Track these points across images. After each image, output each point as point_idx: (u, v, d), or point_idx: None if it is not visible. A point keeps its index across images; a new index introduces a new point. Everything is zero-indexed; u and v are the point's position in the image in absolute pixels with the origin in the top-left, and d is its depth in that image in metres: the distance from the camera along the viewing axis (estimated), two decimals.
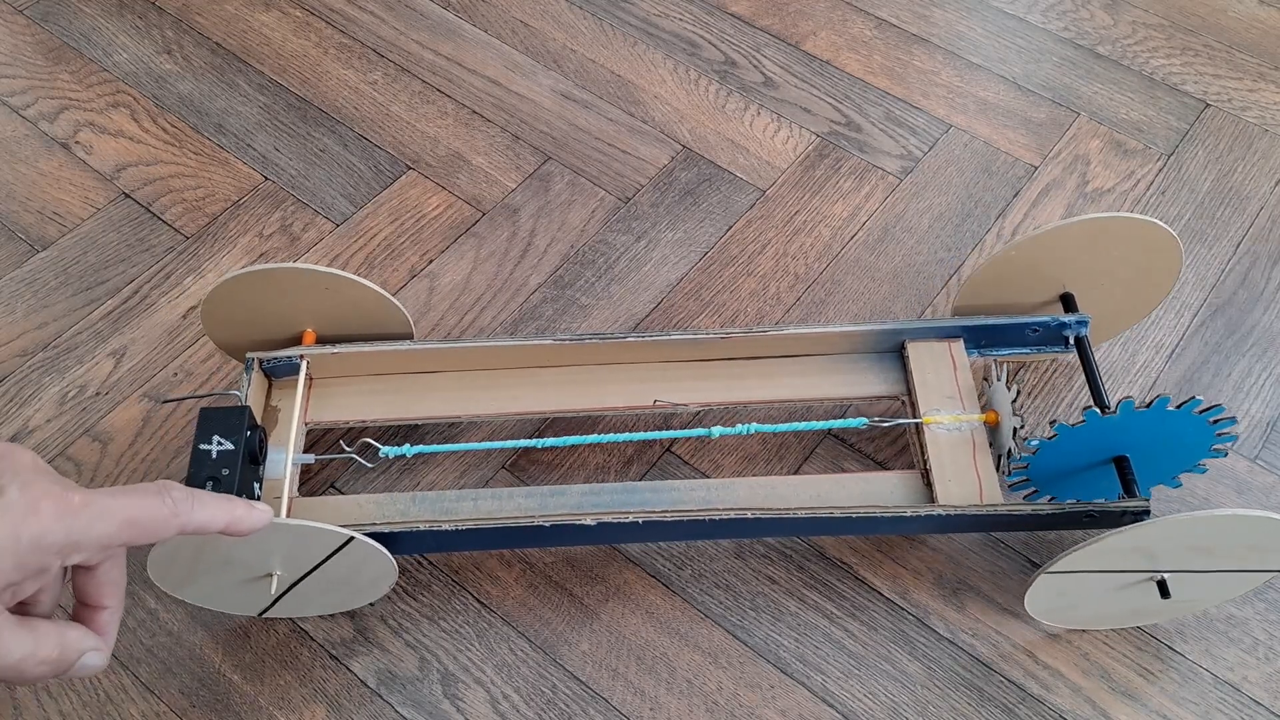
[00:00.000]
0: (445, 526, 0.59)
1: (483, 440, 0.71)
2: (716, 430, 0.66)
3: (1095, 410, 0.58)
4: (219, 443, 0.57)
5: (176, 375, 0.75)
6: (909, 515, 0.60)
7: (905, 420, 0.66)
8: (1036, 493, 0.64)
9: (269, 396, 0.67)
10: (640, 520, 0.60)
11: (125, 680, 0.63)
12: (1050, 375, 0.75)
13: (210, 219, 0.84)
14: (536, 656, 0.64)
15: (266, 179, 0.87)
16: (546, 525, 0.60)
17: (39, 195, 0.85)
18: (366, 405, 0.68)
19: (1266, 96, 0.92)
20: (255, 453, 0.59)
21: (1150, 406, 0.57)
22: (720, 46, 0.96)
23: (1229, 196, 0.86)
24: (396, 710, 0.62)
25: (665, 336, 0.68)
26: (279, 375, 0.67)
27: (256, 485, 0.59)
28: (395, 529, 0.59)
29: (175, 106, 0.91)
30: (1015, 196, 0.86)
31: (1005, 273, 0.68)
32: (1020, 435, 0.62)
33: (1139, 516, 0.60)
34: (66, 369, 0.76)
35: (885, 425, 0.66)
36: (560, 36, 0.97)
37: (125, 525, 0.40)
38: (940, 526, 0.63)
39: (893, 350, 0.69)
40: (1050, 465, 0.61)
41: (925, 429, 0.65)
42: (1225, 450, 0.61)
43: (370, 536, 0.57)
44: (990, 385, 0.66)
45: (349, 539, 0.56)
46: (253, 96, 0.92)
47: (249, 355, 0.66)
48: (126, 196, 0.85)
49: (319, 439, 0.71)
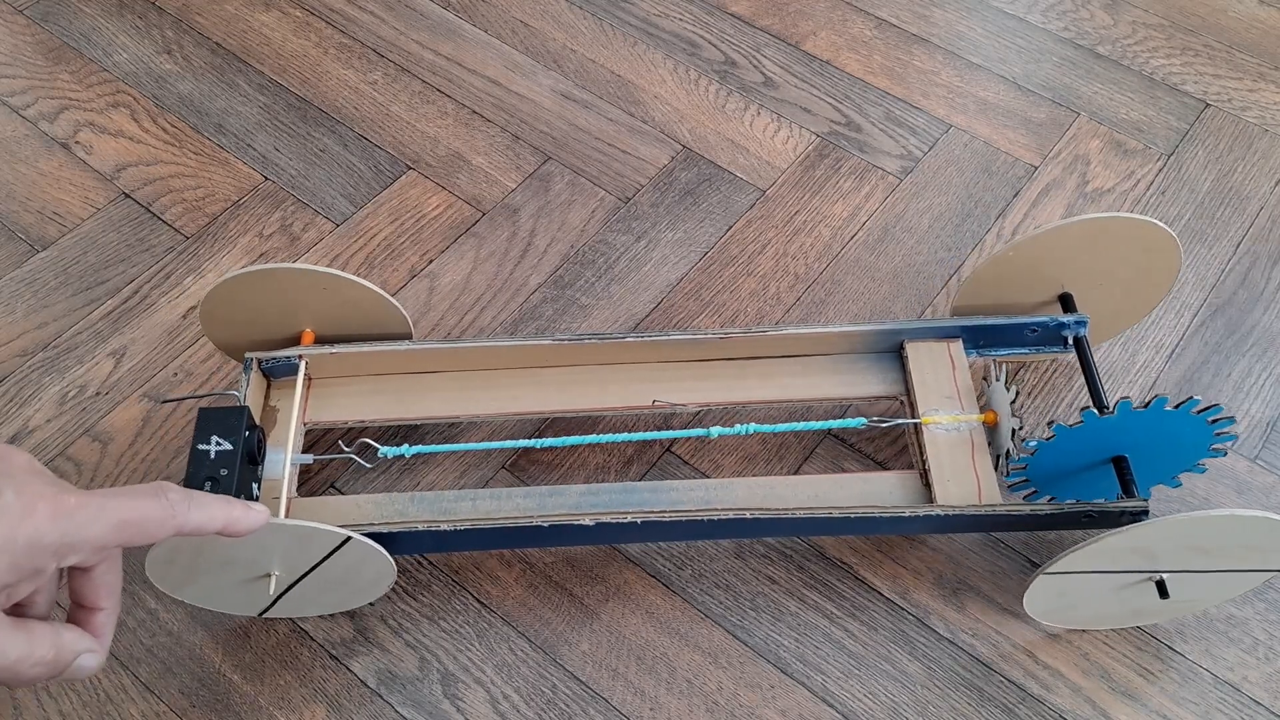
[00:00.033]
0: (444, 527, 0.59)
1: (482, 440, 0.72)
2: (715, 430, 0.66)
3: (1093, 411, 0.58)
4: (217, 443, 0.57)
5: (176, 375, 0.75)
6: (907, 515, 0.60)
7: (904, 420, 0.66)
8: (1036, 493, 0.64)
9: (268, 397, 0.67)
10: (639, 520, 0.60)
11: (125, 680, 0.63)
12: (1050, 375, 0.75)
13: (210, 219, 0.84)
14: (536, 656, 0.64)
15: (266, 179, 0.87)
16: (545, 525, 0.60)
17: (39, 195, 0.85)
18: (365, 405, 0.68)
19: (1266, 96, 0.92)
20: (253, 453, 0.59)
21: (1148, 407, 0.57)
22: (720, 46, 0.96)
23: (1229, 196, 0.86)
24: (396, 710, 0.62)
25: (664, 337, 0.68)
26: (278, 375, 0.67)
27: (255, 485, 0.59)
28: (394, 529, 0.59)
29: (175, 106, 0.91)
30: (1015, 196, 0.86)
31: (1004, 273, 0.68)
32: (1019, 437, 0.62)
33: (1137, 517, 0.60)
34: (66, 369, 0.76)
35: (884, 426, 0.66)
36: (560, 36, 0.97)
37: (121, 526, 0.40)
38: (939, 527, 0.63)
39: (891, 350, 0.69)
40: (1049, 466, 0.61)
41: (924, 429, 0.65)
42: (1225, 450, 0.61)
43: (369, 537, 0.57)
44: (989, 385, 0.66)
45: (346, 539, 0.56)
46: (253, 96, 0.92)
47: (247, 355, 0.66)
48: (126, 196, 0.85)
49: (319, 439, 0.71)
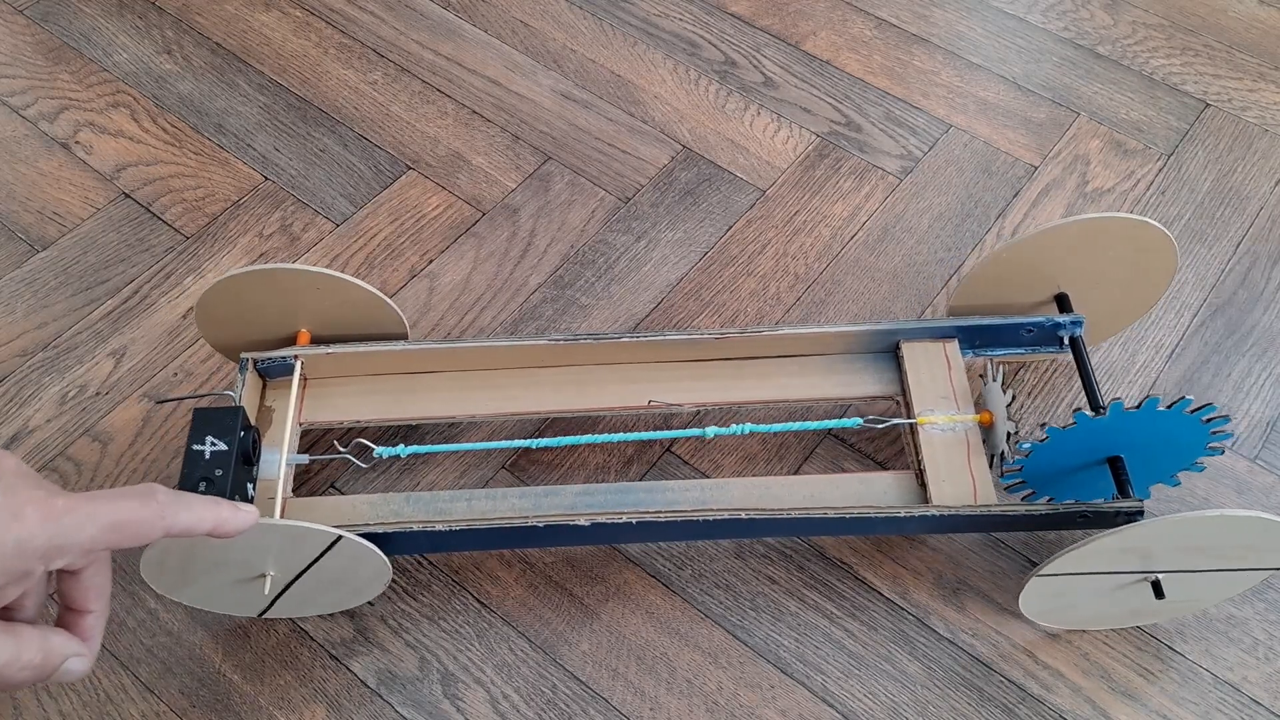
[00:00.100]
0: (439, 527, 0.59)
1: (483, 440, 0.71)
2: (711, 430, 0.66)
3: (1085, 412, 0.58)
4: (212, 443, 0.56)
5: (176, 375, 0.75)
6: (903, 516, 0.60)
7: (899, 420, 0.66)
8: (1034, 494, 0.64)
9: (263, 397, 0.66)
10: (634, 520, 0.60)
11: (125, 680, 0.63)
12: (1050, 375, 0.75)
13: (210, 219, 0.84)
14: (536, 656, 0.64)
15: (266, 179, 0.87)
16: (540, 526, 0.60)
17: (39, 195, 0.85)
18: (362, 406, 0.68)
19: (1266, 96, 0.92)
20: (249, 453, 0.59)
21: (1140, 407, 0.57)
22: (720, 46, 0.96)
23: (1229, 196, 0.86)
24: (396, 710, 0.62)
25: (661, 337, 0.68)
26: (274, 376, 0.67)
27: (250, 486, 0.59)
28: (388, 529, 0.59)
29: (175, 106, 0.91)
30: (1015, 196, 0.86)
31: (1000, 273, 0.68)
32: (1014, 439, 0.62)
33: (1132, 517, 0.59)
34: (66, 369, 0.76)
35: (880, 427, 0.66)
36: (560, 36, 0.97)
37: (109, 529, 0.40)
38: (934, 527, 0.63)
39: (888, 350, 0.69)
40: (1044, 467, 0.61)
41: (920, 429, 0.65)
42: (1222, 448, 0.60)
43: (363, 537, 0.57)
44: (985, 385, 0.66)
45: (337, 538, 0.55)
46: (253, 96, 0.92)
47: (243, 355, 0.65)
48: (126, 196, 0.85)
49: (318, 439, 0.71)
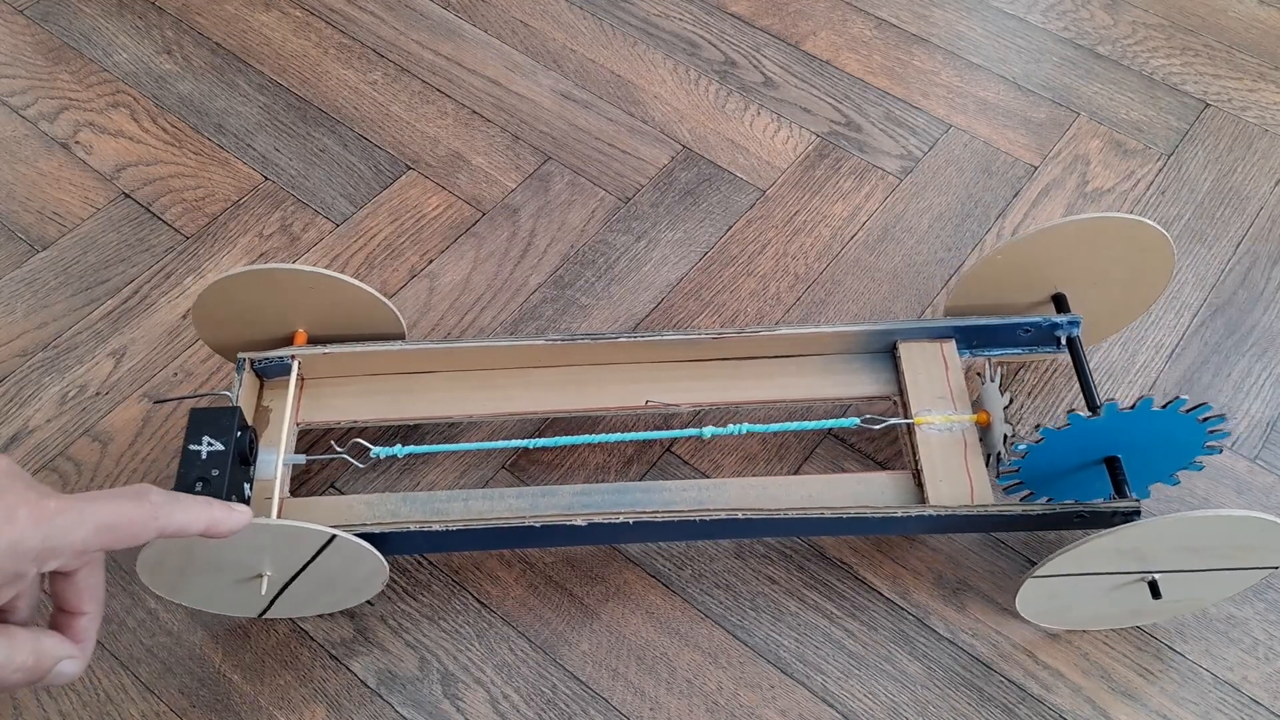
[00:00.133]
0: (435, 527, 0.59)
1: (483, 440, 0.71)
2: (708, 430, 0.66)
3: (1079, 413, 0.58)
4: (209, 443, 0.56)
5: (176, 375, 0.75)
6: (899, 516, 0.60)
7: (896, 420, 0.66)
8: (1032, 495, 0.64)
9: (261, 397, 0.66)
10: (631, 521, 0.60)
11: (125, 680, 0.63)
12: (1050, 375, 0.75)
13: (210, 219, 0.84)
14: (536, 656, 0.64)
15: (266, 179, 0.87)
16: (537, 526, 0.60)
17: (39, 195, 0.85)
18: (360, 406, 0.68)
19: (1266, 96, 0.92)
20: (245, 453, 0.58)
21: (1134, 408, 0.57)
22: (720, 46, 0.96)
23: (1229, 196, 0.86)
24: (396, 710, 0.62)
25: (658, 337, 0.68)
26: (271, 376, 0.67)
27: (247, 486, 0.59)
28: (385, 529, 0.59)
29: (175, 106, 0.91)
30: (1015, 196, 0.86)
31: (997, 274, 0.68)
32: (1009, 442, 0.61)
33: (1129, 517, 0.59)
34: (66, 369, 0.76)
35: (877, 428, 0.66)
36: (560, 36, 0.97)
37: (102, 530, 0.40)
38: (930, 527, 0.63)
39: (885, 350, 0.69)
40: (1041, 468, 0.61)
41: (917, 429, 0.65)
42: (1220, 447, 0.60)
43: (360, 537, 0.57)
44: (983, 385, 0.66)
45: (331, 537, 0.55)
46: (253, 96, 0.92)
47: (240, 355, 0.65)
48: (126, 196, 0.85)
49: (318, 440, 0.71)
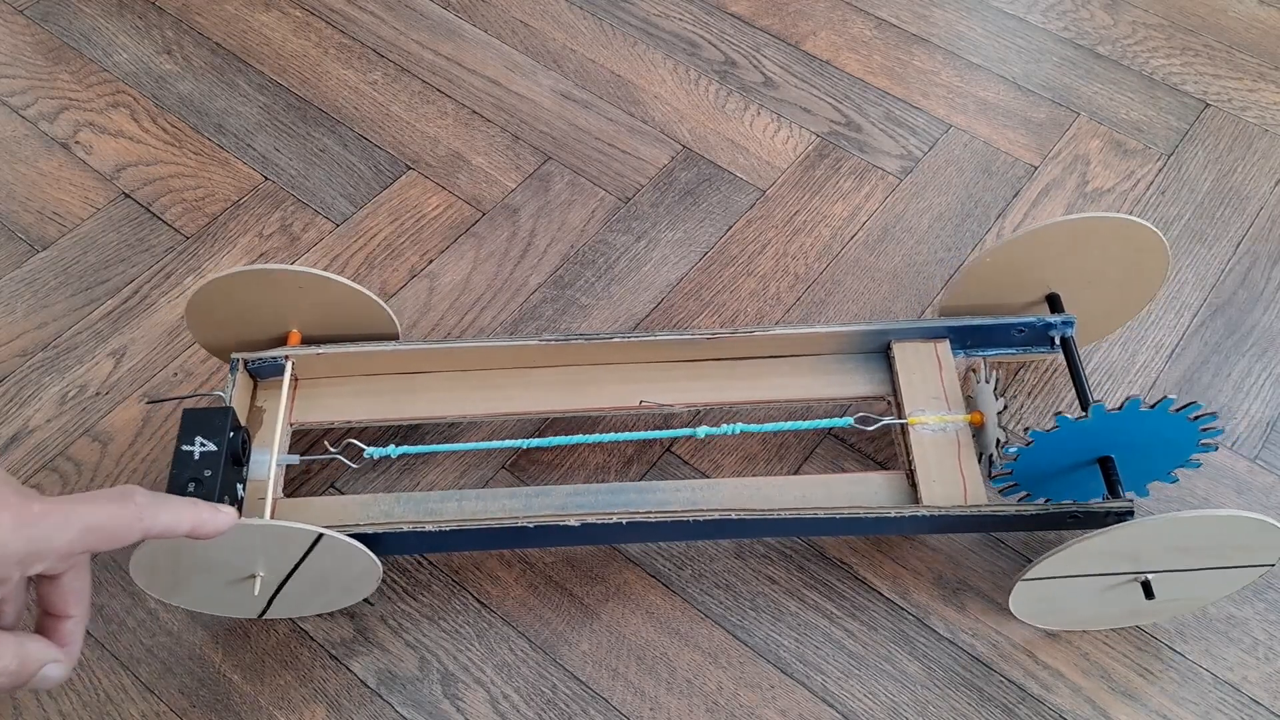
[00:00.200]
0: (428, 527, 0.59)
1: (483, 440, 0.71)
2: (703, 430, 0.66)
3: (1066, 415, 0.58)
4: (201, 444, 0.56)
5: (176, 375, 0.75)
6: (893, 516, 0.60)
7: (890, 420, 0.66)
8: (1029, 495, 0.64)
9: (254, 397, 0.66)
10: (624, 521, 0.60)
11: (125, 680, 0.63)
12: (1050, 375, 0.75)
13: (210, 219, 0.84)
14: (536, 656, 0.64)
15: (266, 179, 0.87)
16: (530, 526, 0.60)
17: (39, 195, 0.85)
18: (354, 406, 0.68)
19: (1266, 96, 0.92)
20: (238, 454, 0.58)
21: (1122, 409, 0.57)
22: (720, 46, 0.96)
23: (1229, 196, 0.86)
24: (396, 710, 0.62)
25: (653, 337, 0.68)
26: (264, 376, 0.67)
27: (239, 486, 0.59)
28: (378, 529, 0.59)
29: (175, 106, 0.91)
30: (1015, 196, 0.86)
31: (991, 274, 0.68)
32: (1002, 445, 0.61)
33: (1122, 517, 0.59)
34: (66, 369, 0.76)
35: (870, 428, 0.66)
36: (560, 36, 0.97)
37: (87, 532, 0.40)
38: (924, 527, 0.63)
39: (879, 350, 0.69)
40: (1034, 469, 0.61)
41: (910, 429, 0.65)
42: (1215, 444, 0.60)
43: (353, 537, 0.57)
44: (976, 385, 0.66)
45: (318, 536, 0.55)
46: (253, 96, 0.92)
47: (234, 356, 0.65)
48: (126, 196, 0.85)
49: (317, 440, 0.71)
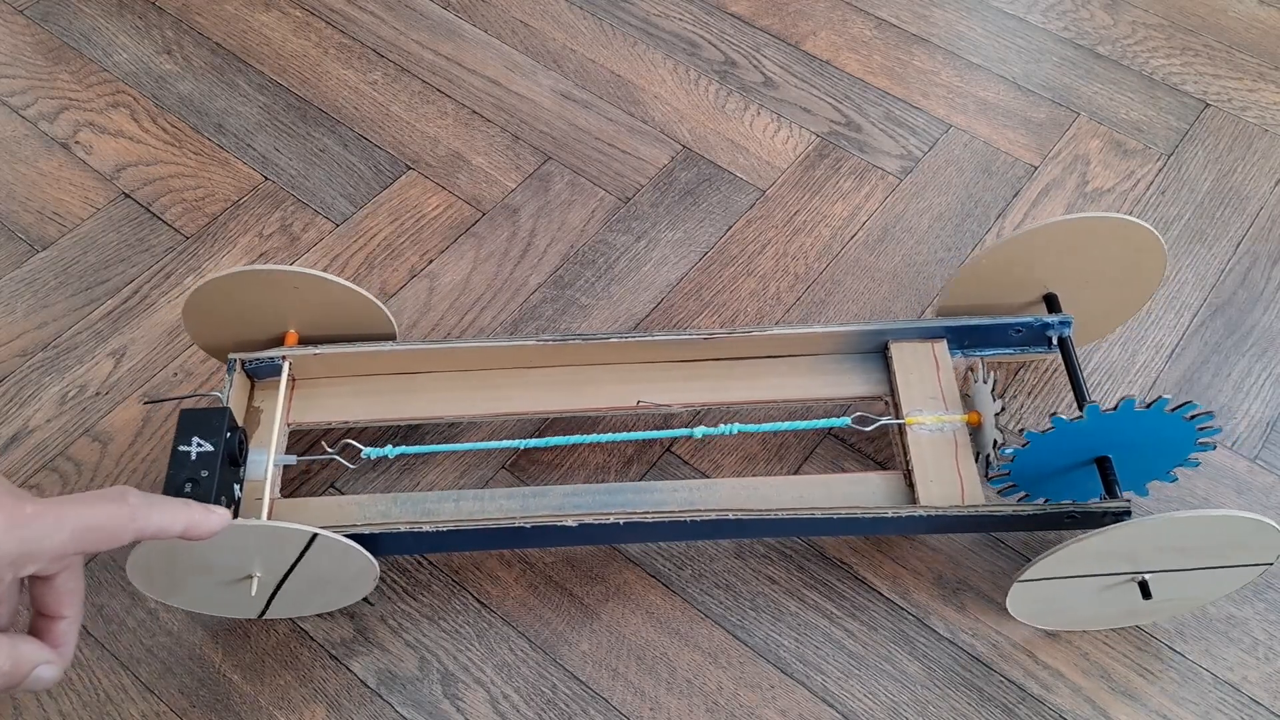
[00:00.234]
0: (425, 528, 0.59)
1: (483, 440, 0.71)
2: (699, 430, 0.66)
3: (1061, 416, 0.58)
4: (198, 444, 0.56)
5: (176, 375, 0.75)
6: (889, 516, 0.60)
7: (887, 420, 0.66)
8: (1028, 496, 0.64)
9: (252, 398, 0.66)
10: (621, 521, 0.60)
11: (125, 680, 0.63)
12: (1050, 375, 0.75)
13: (210, 219, 0.84)
14: (536, 656, 0.64)
15: (266, 179, 0.87)
16: (526, 526, 0.60)
17: (39, 195, 0.85)
18: (351, 406, 0.68)
19: (1266, 96, 0.92)
20: (235, 454, 0.58)
21: (1116, 409, 0.57)
22: (720, 46, 0.96)
23: (1229, 196, 0.86)
24: (396, 710, 0.62)
25: (649, 337, 0.68)
26: (262, 376, 0.67)
27: (236, 487, 0.59)
28: (374, 530, 0.59)
29: (175, 106, 0.91)
30: (1015, 196, 0.86)
31: (988, 274, 0.68)
32: (999, 446, 0.61)
33: (1120, 517, 0.59)
34: (66, 369, 0.76)
35: (867, 429, 0.66)
36: (560, 36, 0.97)
37: (80, 533, 0.40)
38: (920, 527, 0.63)
39: (877, 350, 0.69)
40: (1031, 470, 0.61)
41: (908, 429, 0.65)
42: (1213, 443, 0.60)
43: (349, 537, 0.57)
44: (973, 385, 0.66)
45: (313, 536, 0.55)
46: (253, 96, 0.92)
47: (231, 356, 0.65)
48: (126, 196, 0.85)
49: (316, 441, 0.71)
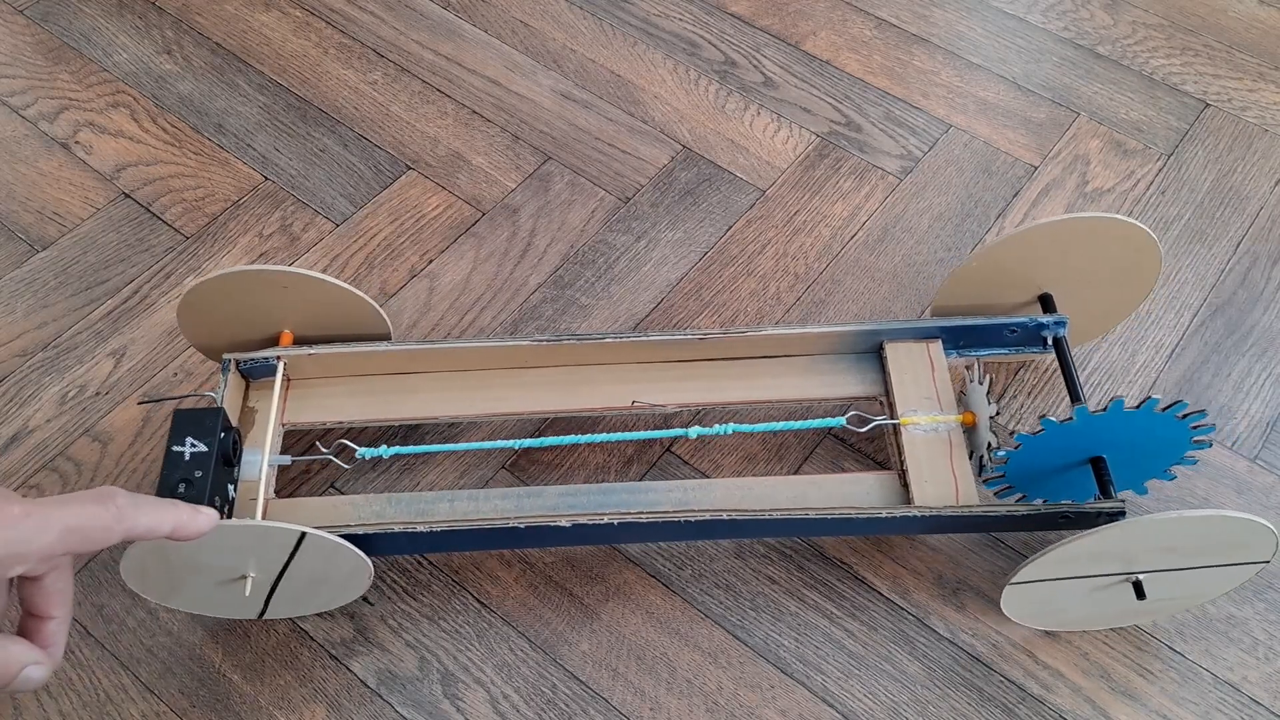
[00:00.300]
0: (419, 528, 0.59)
1: (482, 440, 0.71)
2: (694, 430, 0.66)
3: (1051, 418, 0.58)
4: (192, 444, 0.56)
5: (176, 375, 0.75)
6: (884, 516, 0.60)
7: (882, 420, 0.66)
8: (1025, 496, 0.64)
9: (246, 398, 0.66)
10: (615, 521, 0.60)
11: (125, 680, 0.63)
12: (1050, 375, 0.75)
13: (210, 219, 0.84)
14: (536, 656, 0.64)
15: (266, 179, 0.87)
16: (521, 527, 0.60)
17: (39, 195, 0.85)
18: (346, 406, 0.68)
19: (1266, 96, 0.92)
20: (229, 455, 0.58)
21: (1106, 410, 0.57)
22: (720, 46, 0.96)
23: (1229, 196, 0.86)
24: (396, 710, 0.62)
25: (646, 337, 0.68)
26: (257, 377, 0.67)
27: (231, 487, 0.59)
28: (368, 530, 0.59)
29: (175, 106, 0.91)
30: (1015, 196, 0.86)
31: (984, 274, 0.68)
32: (992, 449, 0.61)
33: (1114, 517, 0.59)
34: (66, 369, 0.76)
35: (863, 429, 0.66)
36: (560, 36, 0.97)
37: (67, 534, 0.40)
38: (915, 527, 0.63)
39: (872, 351, 0.69)
40: (1026, 470, 0.61)
41: (903, 430, 0.65)
42: (1208, 441, 0.60)
43: (344, 537, 0.57)
44: (968, 385, 0.66)
45: (302, 535, 0.55)
46: (253, 96, 0.92)
47: (225, 356, 0.65)
48: (126, 196, 0.85)
49: (314, 441, 0.71)
